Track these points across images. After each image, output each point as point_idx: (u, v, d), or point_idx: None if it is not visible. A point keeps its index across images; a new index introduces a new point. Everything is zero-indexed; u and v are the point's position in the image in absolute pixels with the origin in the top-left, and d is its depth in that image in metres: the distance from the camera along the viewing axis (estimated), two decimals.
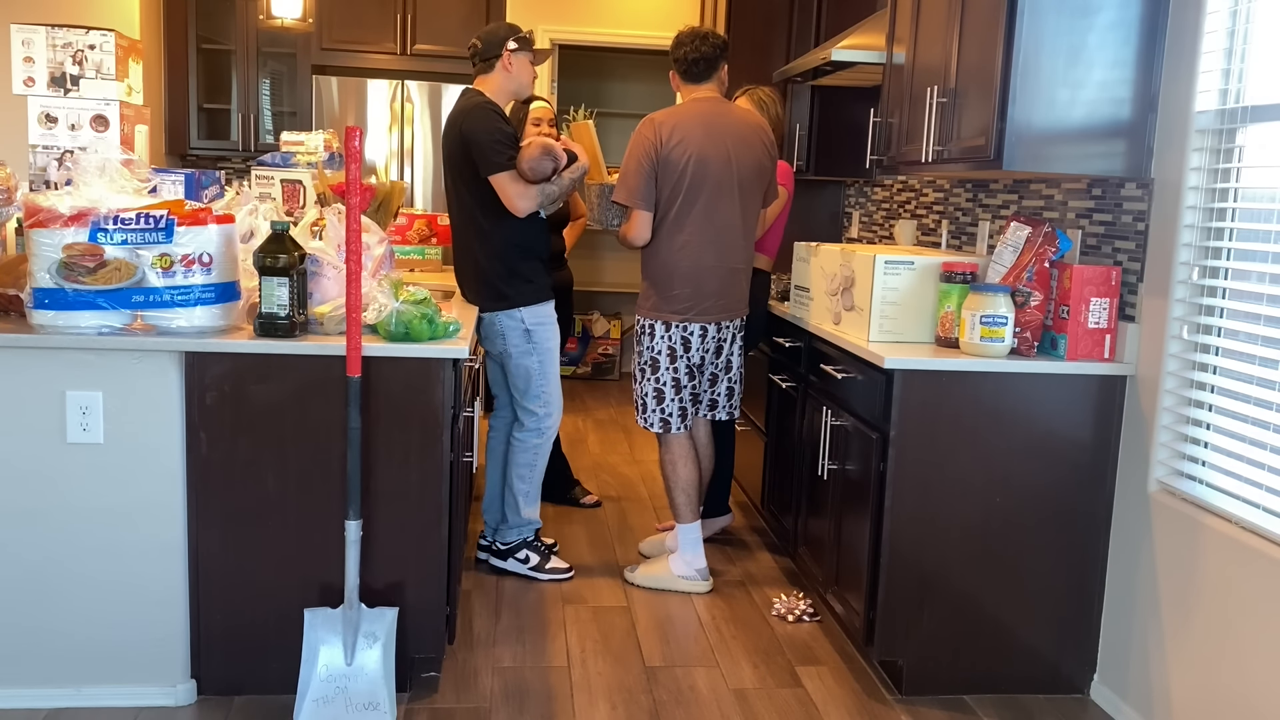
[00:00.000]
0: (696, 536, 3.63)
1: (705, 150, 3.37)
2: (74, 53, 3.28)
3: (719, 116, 3.46)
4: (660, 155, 3.36)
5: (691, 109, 3.45)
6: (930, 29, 3.29)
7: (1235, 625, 2.43)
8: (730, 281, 3.50)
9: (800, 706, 2.86)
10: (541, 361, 3.50)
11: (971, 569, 2.91)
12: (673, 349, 3.48)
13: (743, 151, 3.45)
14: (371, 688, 2.58)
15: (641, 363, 3.55)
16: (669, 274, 3.43)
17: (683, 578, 3.60)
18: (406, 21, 5.77)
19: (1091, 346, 2.86)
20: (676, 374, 3.51)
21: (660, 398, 3.52)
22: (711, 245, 3.42)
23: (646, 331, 3.51)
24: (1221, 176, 2.60)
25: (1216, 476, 2.59)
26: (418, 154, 5.86)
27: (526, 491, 3.61)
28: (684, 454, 3.59)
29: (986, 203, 3.69)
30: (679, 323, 3.46)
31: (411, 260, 4.44)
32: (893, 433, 2.84)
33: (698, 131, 3.38)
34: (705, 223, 3.41)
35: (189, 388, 2.60)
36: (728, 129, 3.44)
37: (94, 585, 2.63)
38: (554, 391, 3.55)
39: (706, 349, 3.54)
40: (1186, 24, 2.66)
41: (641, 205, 3.40)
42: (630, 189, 3.39)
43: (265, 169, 3.75)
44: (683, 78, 3.52)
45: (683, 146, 3.35)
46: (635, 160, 3.39)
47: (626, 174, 3.41)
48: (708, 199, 3.39)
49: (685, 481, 3.60)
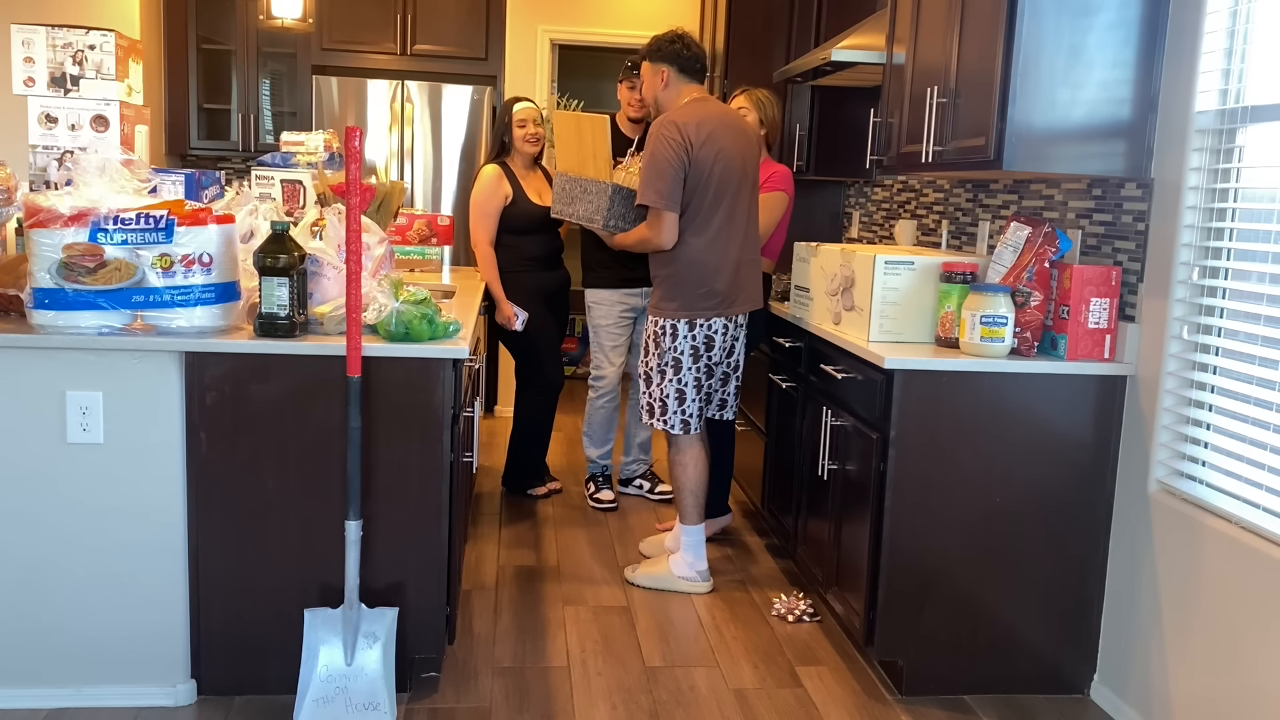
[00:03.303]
0: (700, 539, 3.63)
1: (728, 147, 3.41)
2: (74, 53, 3.28)
3: (726, 114, 3.51)
4: (692, 156, 3.35)
5: (705, 108, 3.45)
6: (930, 29, 3.29)
7: (1235, 625, 2.43)
8: (753, 273, 3.56)
9: (800, 706, 2.86)
10: (594, 331, 4.41)
11: (971, 569, 2.91)
12: (696, 348, 3.49)
13: (747, 147, 3.50)
14: (371, 688, 2.58)
15: (662, 364, 3.51)
16: (700, 272, 3.42)
17: (683, 578, 3.61)
18: (406, 21, 5.77)
19: (1091, 346, 2.86)
20: (698, 374, 3.51)
21: (682, 398, 3.52)
22: (736, 240, 3.46)
23: (668, 333, 3.48)
24: (1221, 176, 2.60)
25: (1216, 476, 2.59)
26: (418, 154, 5.86)
27: (587, 435, 4.56)
28: (696, 456, 3.60)
29: (986, 203, 3.69)
30: (704, 320, 3.46)
31: (411, 260, 4.44)
32: (893, 433, 2.84)
33: (720, 129, 3.41)
34: (730, 218, 3.43)
35: (189, 388, 2.60)
36: (735, 125, 3.50)
37: (94, 585, 2.63)
38: (602, 358, 4.42)
39: (724, 349, 3.56)
40: (1186, 24, 2.66)
41: (671, 207, 3.37)
42: (660, 191, 3.36)
43: (265, 169, 3.75)
44: (684, 74, 3.51)
45: (710, 145, 3.37)
46: (665, 162, 3.35)
47: (656, 176, 3.36)
48: (731, 195, 3.43)
49: (695, 483, 3.61)
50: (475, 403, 3.45)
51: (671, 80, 3.52)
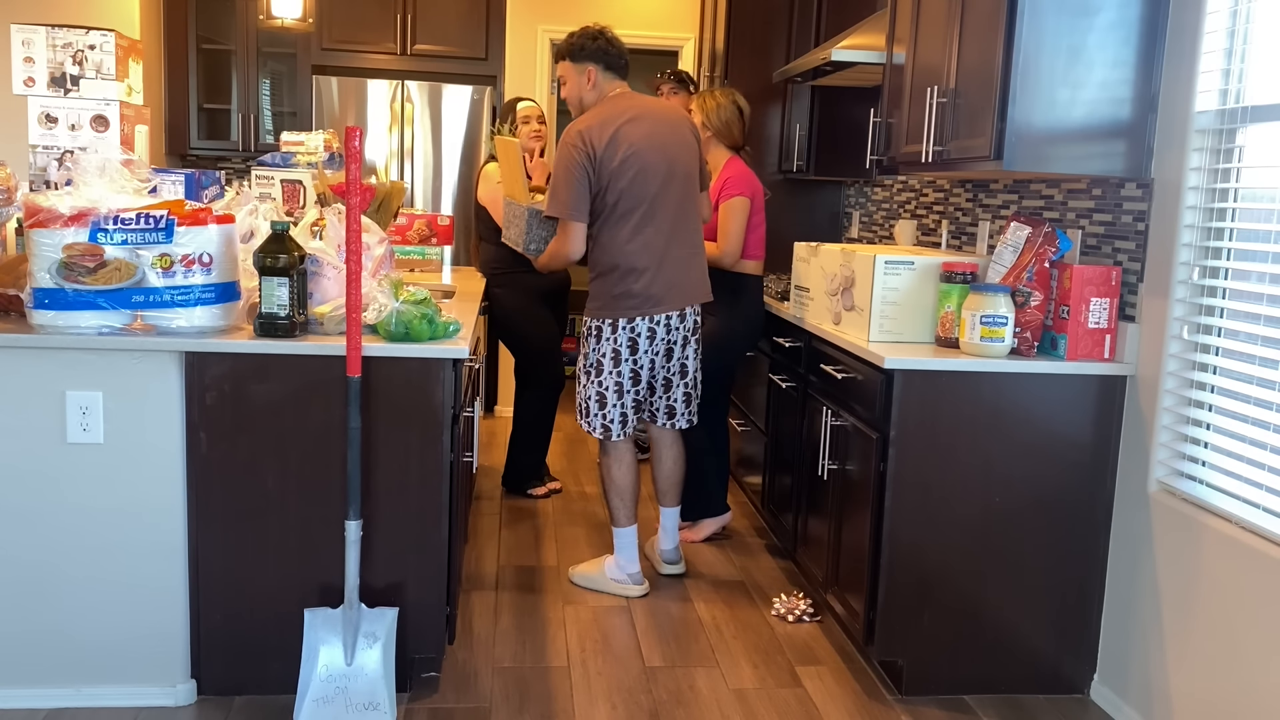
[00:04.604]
0: (631, 541, 3.58)
1: (643, 143, 3.31)
2: (74, 53, 3.28)
3: (645, 108, 3.39)
4: (596, 162, 3.27)
5: (617, 106, 3.37)
6: (930, 29, 3.29)
7: (1235, 625, 2.43)
8: (690, 265, 3.44)
9: (800, 706, 2.86)
10: None
11: (971, 569, 2.91)
12: (618, 351, 3.41)
13: (673, 137, 3.39)
14: (371, 688, 2.58)
15: (586, 365, 3.46)
16: (626, 271, 3.34)
17: (615, 580, 3.58)
18: (406, 21, 5.77)
19: (1091, 346, 2.86)
20: (620, 378, 3.43)
21: (603, 402, 3.45)
22: (665, 234, 3.36)
23: (593, 334, 3.43)
24: (1221, 176, 2.60)
25: (1216, 476, 2.59)
26: (418, 154, 5.86)
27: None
28: (622, 459, 3.54)
29: (986, 203, 3.69)
30: (628, 322, 3.38)
31: (411, 260, 4.44)
32: (893, 433, 2.84)
33: (631, 127, 3.31)
34: (658, 214, 3.34)
35: (189, 388, 2.60)
36: (660, 118, 3.39)
37: (94, 585, 2.63)
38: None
39: (655, 351, 3.46)
40: (1186, 24, 2.66)
41: (576, 217, 3.30)
42: (564, 202, 3.29)
43: (265, 169, 3.75)
44: (610, 72, 3.42)
45: (618, 145, 3.28)
46: (567, 172, 3.28)
47: (560, 186, 3.30)
48: (657, 190, 3.33)
49: (622, 486, 3.56)
50: (475, 403, 3.45)
51: (598, 79, 3.42)
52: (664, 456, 3.71)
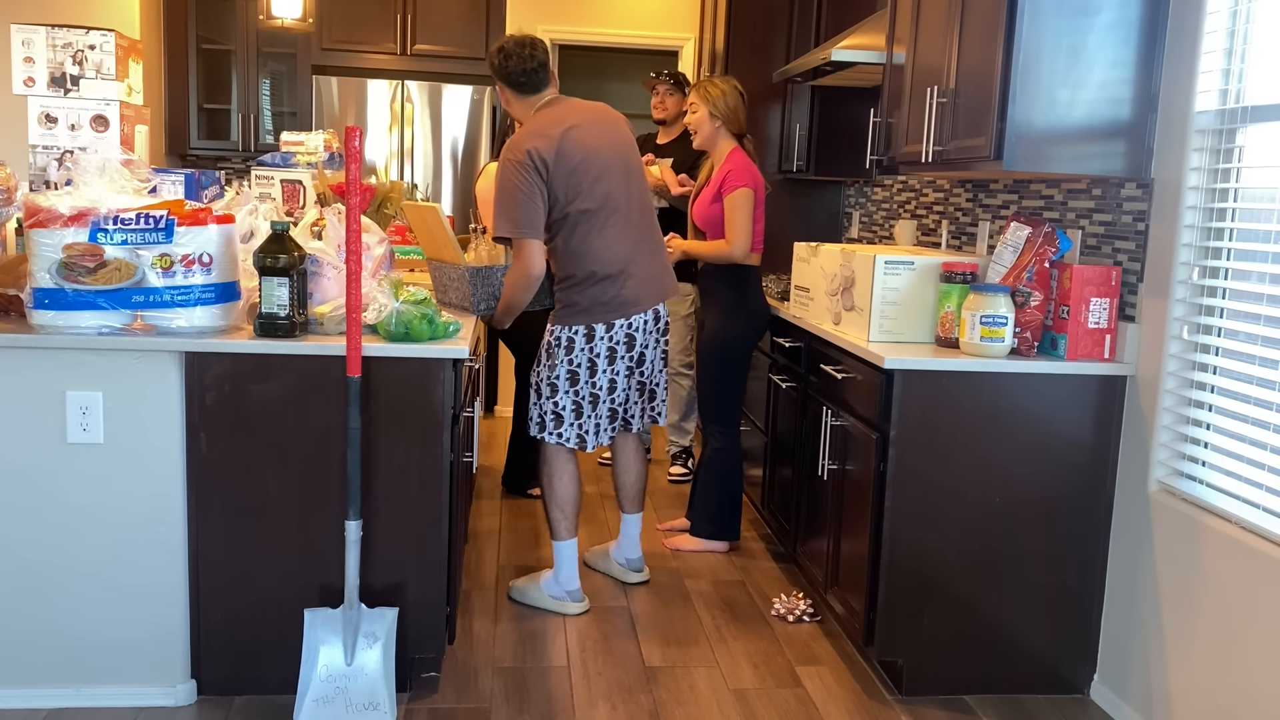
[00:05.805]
0: (571, 555, 3.43)
1: (591, 146, 3.20)
2: (74, 53, 3.28)
3: (583, 112, 3.28)
4: (549, 173, 3.13)
5: (553, 115, 3.22)
6: (930, 29, 3.29)
7: (1235, 625, 2.43)
8: (655, 259, 3.35)
9: (800, 706, 2.86)
10: None
11: (971, 569, 2.91)
12: (594, 360, 3.28)
13: (617, 135, 3.31)
14: (371, 688, 2.58)
15: (552, 377, 3.29)
16: (602, 275, 3.23)
17: (552, 597, 3.42)
18: (406, 21, 5.77)
19: (1091, 346, 2.86)
20: (595, 388, 3.31)
21: (579, 412, 3.32)
22: (631, 232, 3.27)
23: (561, 344, 3.26)
24: (1221, 176, 2.60)
25: (1216, 476, 2.59)
26: (418, 154, 5.86)
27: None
28: (564, 469, 3.41)
29: (986, 203, 3.69)
30: (607, 329, 3.26)
31: (411, 260, 4.44)
32: (893, 433, 2.84)
33: (578, 132, 3.20)
34: (619, 211, 3.24)
35: (189, 388, 2.60)
36: (598, 118, 3.29)
37: (94, 585, 2.63)
38: None
39: (633, 357, 3.34)
40: (1186, 24, 2.66)
41: (532, 234, 3.14)
42: (515, 220, 3.13)
43: (265, 169, 3.75)
44: (521, 91, 3.26)
45: (573, 152, 3.15)
46: (515, 189, 3.12)
47: (509, 205, 3.14)
48: (615, 189, 3.24)
49: (563, 498, 3.42)
50: (475, 403, 3.44)
51: (511, 97, 3.29)
52: (630, 462, 3.63)
